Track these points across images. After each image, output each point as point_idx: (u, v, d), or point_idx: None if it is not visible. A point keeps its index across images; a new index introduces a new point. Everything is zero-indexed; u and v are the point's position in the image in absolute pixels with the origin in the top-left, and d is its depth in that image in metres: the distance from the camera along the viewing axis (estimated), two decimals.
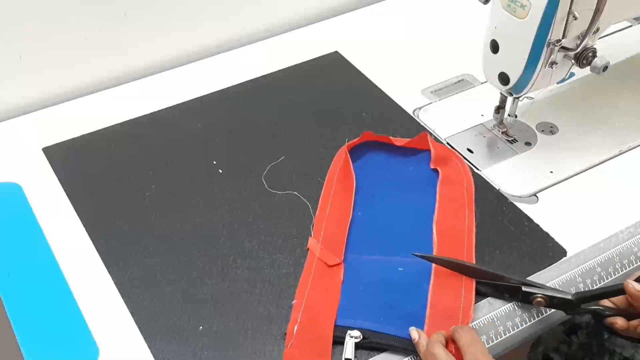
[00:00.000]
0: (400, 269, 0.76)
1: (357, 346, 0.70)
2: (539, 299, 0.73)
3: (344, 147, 0.90)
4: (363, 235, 0.81)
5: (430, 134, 0.94)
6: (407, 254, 0.77)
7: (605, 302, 0.74)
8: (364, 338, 0.70)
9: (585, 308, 0.74)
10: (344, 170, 0.87)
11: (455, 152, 0.91)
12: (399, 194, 0.86)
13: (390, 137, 0.91)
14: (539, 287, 0.74)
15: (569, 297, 0.73)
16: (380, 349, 0.71)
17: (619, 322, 0.71)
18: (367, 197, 0.85)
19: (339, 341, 0.70)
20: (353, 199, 0.84)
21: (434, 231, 0.80)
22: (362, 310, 0.73)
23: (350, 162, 0.88)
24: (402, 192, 0.86)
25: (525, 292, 0.74)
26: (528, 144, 0.93)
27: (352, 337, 0.70)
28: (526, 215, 0.84)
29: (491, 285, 0.75)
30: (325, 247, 0.79)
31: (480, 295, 0.75)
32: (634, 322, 0.71)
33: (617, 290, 0.71)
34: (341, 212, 0.83)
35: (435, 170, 0.88)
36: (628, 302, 0.72)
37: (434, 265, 0.76)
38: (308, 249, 0.79)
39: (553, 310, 0.75)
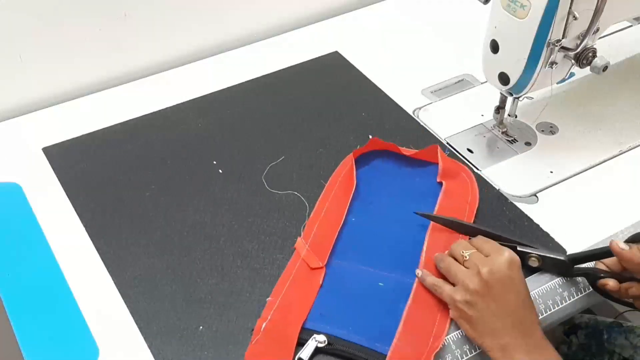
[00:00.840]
0: (380, 284, 0.76)
1: (320, 351, 0.70)
2: (533, 259, 0.76)
3: (351, 154, 0.89)
4: (352, 242, 0.80)
5: (431, 134, 0.94)
6: (390, 269, 0.77)
7: (600, 265, 0.76)
8: (328, 344, 0.70)
9: (579, 269, 0.76)
10: (346, 176, 0.87)
11: (466, 166, 0.89)
12: (399, 205, 0.84)
13: (399, 147, 0.90)
14: (533, 248, 0.77)
15: (562, 257, 0.76)
16: (342, 357, 0.70)
17: (610, 283, 0.73)
18: (364, 204, 0.84)
19: (304, 343, 0.70)
20: (349, 204, 0.83)
21: (425, 245, 0.79)
22: (333, 316, 0.73)
23: (354, 169, 0.87)
24: (402, 203, 0.85)
25: (520, 251, 0.76)
26: (528, 144, 0.93)
27: (316, 340, 0.70)
28: (526, 215, 0.84)
29: None
30: (312, 249, 0.78)
31: None
32: (625, 285, 0.73)
33: (609, 251, 0.73)
34: (335, 216, 0.82)
35: (441, 184, 0.86)
36: (621, 265, 0.73)
37: (414, 287, 0.75)
38: (294, 249, 0.79)
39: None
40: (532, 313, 0.70)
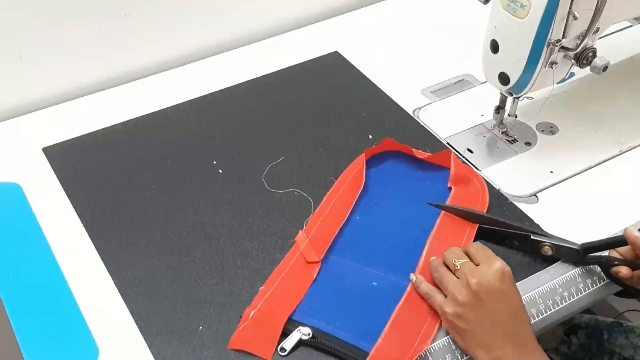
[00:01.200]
0: (374, 283, 0.76)
1: (304, 344, 0.70)
2: (547, 247, 0.77)
3: (362, 154, 0.89)
4: (352, 240, 0.80)
5: (430, 134, 0.94)
6: (387, 270, 0.77)
7: (613, 253, 0.76)
8: (312, 337, 0.70)
9: (593, 257, 0.76)
10: (356, 174, 0.87)
11: (479, 174, 0.88)
12: (405, 207, 0.84)
13: (412, 149, 0.89)
14: (547, 237, 0.77)
15: (576, 246, 0.76)
16: (325, 351, 0.70)
17: (623, 270, 0.73)
18: (370, 204, 0.84)
19: (289, 334, 0.71)
20: (354, 202, 0.83)
21: (425, 250, 0.79)
22: (322, 311, 0.73)
23: (364, 168, 0.87)
24: (409, 206, 0.84)
25: (533, 240, 0.77)
26: (528, 144, 0.93)
27: (300, 332, 0.70)
28: (526, 215, 0.84)
29: (502, 234, 0.78)
30: (311, 243, 0.79)
31: (490, 242, 0.78)
32: (638, 272, 0.73)
33: (622, 240, 0.73)
34: (339, 213, 0.82)
35: (451, 190, 0.86)
36: (634, 253, 0.73)
37: (407, 290, 0.75)
38: (295, 242, 0.79)
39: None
40: (524, 323, 0.69)
